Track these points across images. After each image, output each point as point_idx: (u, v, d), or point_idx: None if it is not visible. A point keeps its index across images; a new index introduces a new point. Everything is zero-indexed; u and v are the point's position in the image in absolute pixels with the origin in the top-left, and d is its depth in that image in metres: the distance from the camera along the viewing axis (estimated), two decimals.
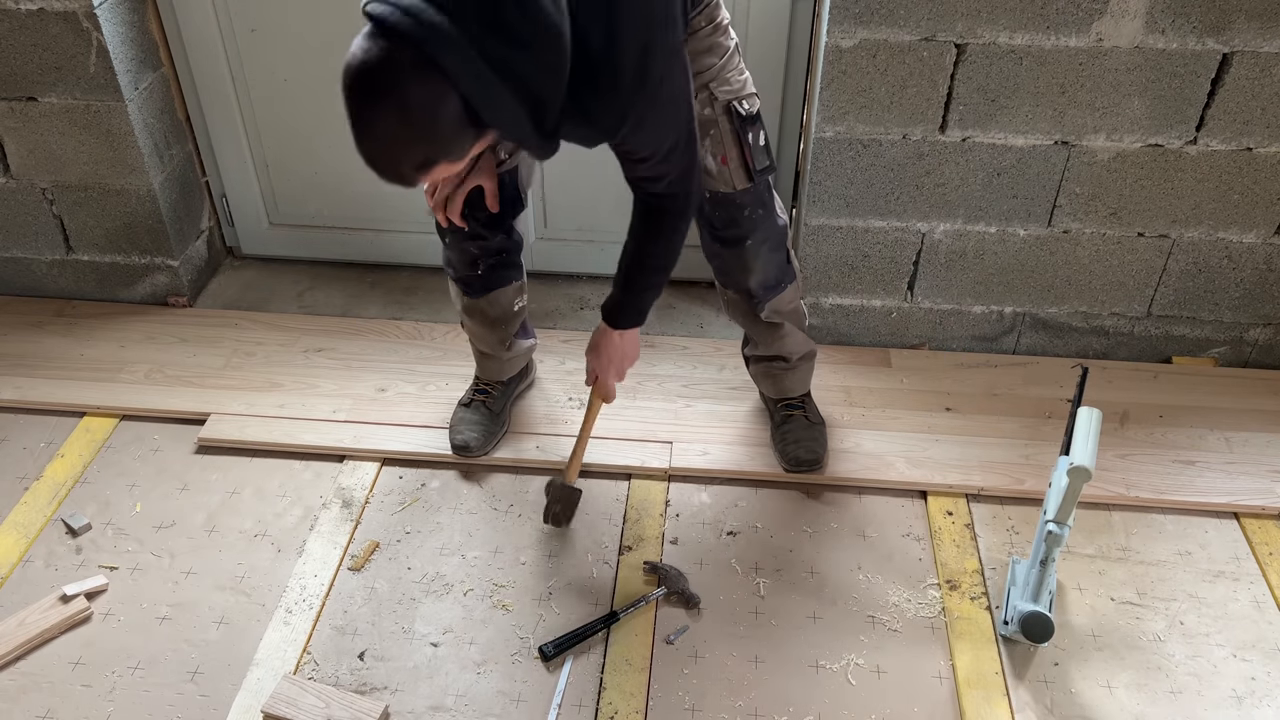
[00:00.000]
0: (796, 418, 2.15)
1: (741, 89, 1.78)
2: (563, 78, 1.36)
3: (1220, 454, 2.18)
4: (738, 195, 1.83)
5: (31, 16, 2.20)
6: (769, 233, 1.89)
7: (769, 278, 1.95)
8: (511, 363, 2.21)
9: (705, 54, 1.73)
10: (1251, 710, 1.74)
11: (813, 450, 2.11)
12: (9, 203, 2.49)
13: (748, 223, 1.86)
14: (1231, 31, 1.98)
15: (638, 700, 1.73)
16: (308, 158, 2.60)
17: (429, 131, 1.28)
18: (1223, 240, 2.26)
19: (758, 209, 1.85)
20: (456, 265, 2.01)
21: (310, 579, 1.93)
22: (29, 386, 2.33)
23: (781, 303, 2.01)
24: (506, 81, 1.28)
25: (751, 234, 1.88)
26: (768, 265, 1.93)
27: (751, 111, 1.79)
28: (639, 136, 1.57)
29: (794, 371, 2.13)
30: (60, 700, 1.73)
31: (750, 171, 1.80)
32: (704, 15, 1.70)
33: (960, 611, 1.88)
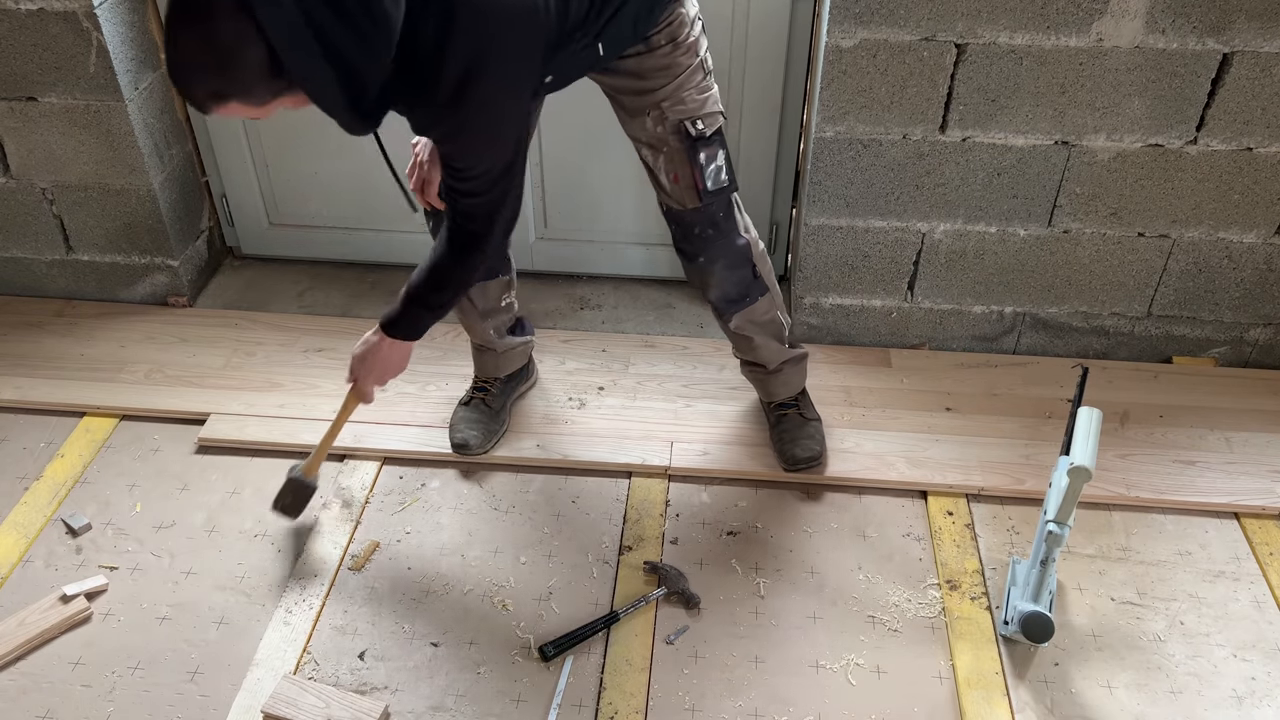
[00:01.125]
0: (790, 416, 2.16)
1: (699, 108, 1.76)
2: (383, 64, 1.38)
3: (1220, 454, 2.18)
4: (687, 214, 1.84)
5: (31, 16, 2.20)
6: (722, 253, 1.89)
7: (728, 293, 1.96)
8: (507, 358, 2.21)
9: (659, 72, 1.72)
10: (1251, 710, 1.74)
11: (809, 448, 2.10)
12: (9, 203, 2.49)
13: (698, 241, 1.87)
14: (1231, 31, 1.98)
15: (638, 700, 1.73)
16: (308, 158, 2.60)
17: (226, 68, 1.29)
18: (1223, 240, 2.26)
19: (708, 229, 1.85)
20: None
21: (310, 579, 1.93)
22: (29, 386, 2.33)
23: (754, 314, 2.00)
24: (325, 51, 1.30)
25: (703, 252, 1.88)
26: (725, 282, 1.93)
27: (705, 132, 1.77)
28: (450, 147, 1.59)
29: (778, 376, 2.13)
30: (60, 700, 1.73)
31: (699, 192, 1.80)
32: (665, 34, 1.70)
33: (960, 611, 1.88)
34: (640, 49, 1.70)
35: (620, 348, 2.48)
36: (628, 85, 1.75)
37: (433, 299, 1.79)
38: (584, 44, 1.63)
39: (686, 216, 1.85)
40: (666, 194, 1.84)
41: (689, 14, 1.72)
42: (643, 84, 1.73)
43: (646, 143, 1.80)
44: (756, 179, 2.50)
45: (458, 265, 1.74)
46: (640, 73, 1.73)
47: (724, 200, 1.84)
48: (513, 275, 2.12)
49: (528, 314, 2.25)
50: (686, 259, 1.92)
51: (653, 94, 1.74)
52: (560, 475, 2.15)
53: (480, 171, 1.61)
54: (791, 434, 2.13)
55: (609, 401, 2.31)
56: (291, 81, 1.33)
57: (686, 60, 1.73)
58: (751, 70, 2.33)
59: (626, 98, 1.78)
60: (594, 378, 2.38)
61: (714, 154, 1.79)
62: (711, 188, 1.80)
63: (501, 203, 1.66)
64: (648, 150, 1.81)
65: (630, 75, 1.73)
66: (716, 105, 1.79)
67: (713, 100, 1.79)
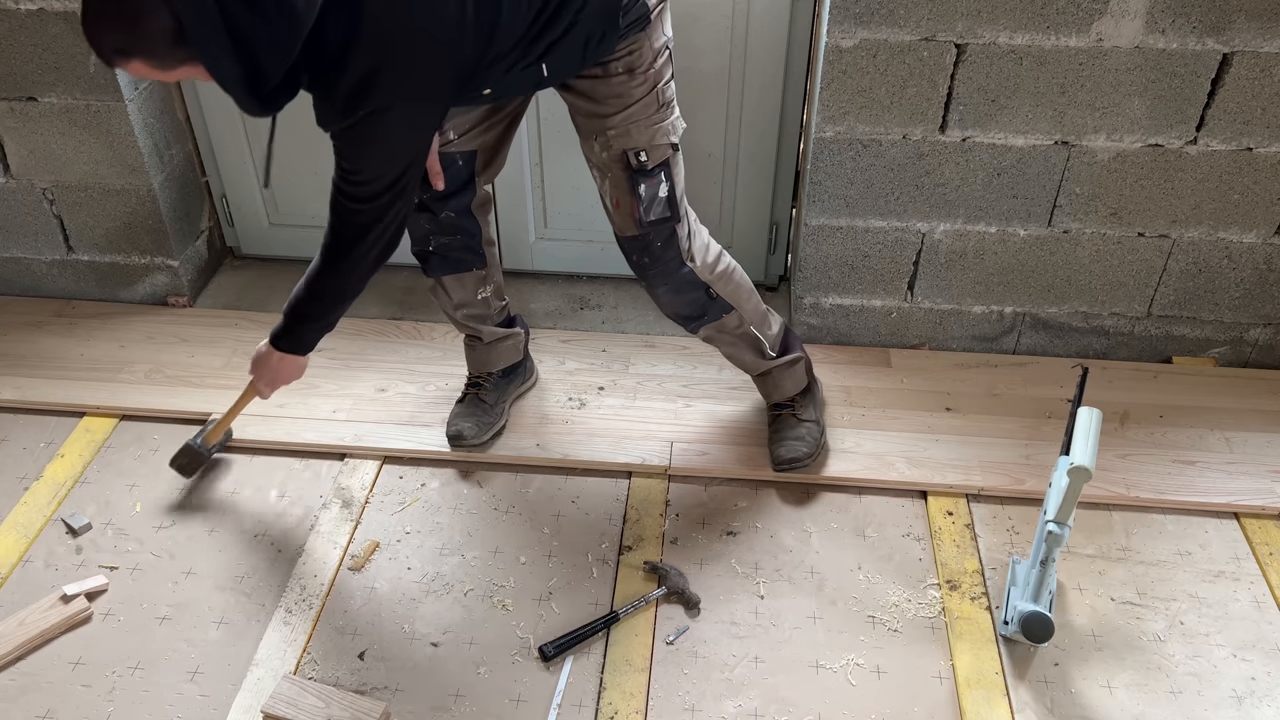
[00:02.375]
0: (784, 417, 2.16)
1: (649, 140, 1.76)
2: (287, 58, 1.40)
3: (1220, 454, 2.18)
4: (625, 240, 1.87)
5: (31, 16, 2.20)
6: (663, 279, 1.91)
7: (681, 312, 1.99)
8: (498, 351, 2.21)
9: (611, 99, 1.73)
10: (1251, 710, 1.74)
11: (794, 449, 2.10)
12: (9, 203, 2.49)
13: (637, 267, 1.90)
14: (1231, 31, 1.98)
15: (638, 700, 1.73)
16: (308, 158, 2.60)
17: (132, 29, 1.32)
18: (1223, 240, 2.26)
19: (644, 256, 1.87)
20: (412, 240, 2.03)
21: (310, 579, 1.93)
22: (29, 386, 2.33)
23: (721, 328, 2.02)
24: (230, 33, 1.33)
25: (643, 277, 1.92)
26: (674, 303, 1.97)
27: (646, 164, 1.77)
28: (341, 144, 1.60)
29: (767, 379, 2.14)
30: (60, 700, 1.73)
31: (637, 221, 1.81)
32: (622, 62, 1.70)
33: (960, 611, 1.88)
34: (597, 73, 1.71)
35: (620, 348, 2.48)
36: (583, 106, 1.77)
37: (312, 310, 1.82)
38: (524, 65, 1.64)
39: (626, 243, 1.88)
40: (610, 218, 1.87)
41: (654, 44, 1.71)
42: (595, 107, 1.74)
43: (595, 164, 1.82)
44: (756, 179, 2.50)
45: (331, 273, 1.75)
46: (594, 96, 1.73)
47: (664, 230, 1.84)
48: (490, 270, 2.11)
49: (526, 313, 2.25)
50: (637, 277, 1.95)
51: (602, 120, 1.75)
52: (560, 475, 2.15)
53: (366, 179, 1.62)
54: (781, 434, 2.13)
55: (609, 401, 2.31)
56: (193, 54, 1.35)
57: (640, 91, 1.73)
58: (751, 70, 2.33)
59: (580, 118, 1.79)
60: (594, 378, 2.38)
61: (655, 186, 1.80)
62: (649, 219, 1.82)
63: (380, 219, 1.67)
64: (596, 171, 1.83)
65: (584, 96, 1.75)
66: (668, 137, 1.79)
67: (662, 132, 1.78)
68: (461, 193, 1.95)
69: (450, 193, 1.93)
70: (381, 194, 1.63)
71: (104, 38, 1.34)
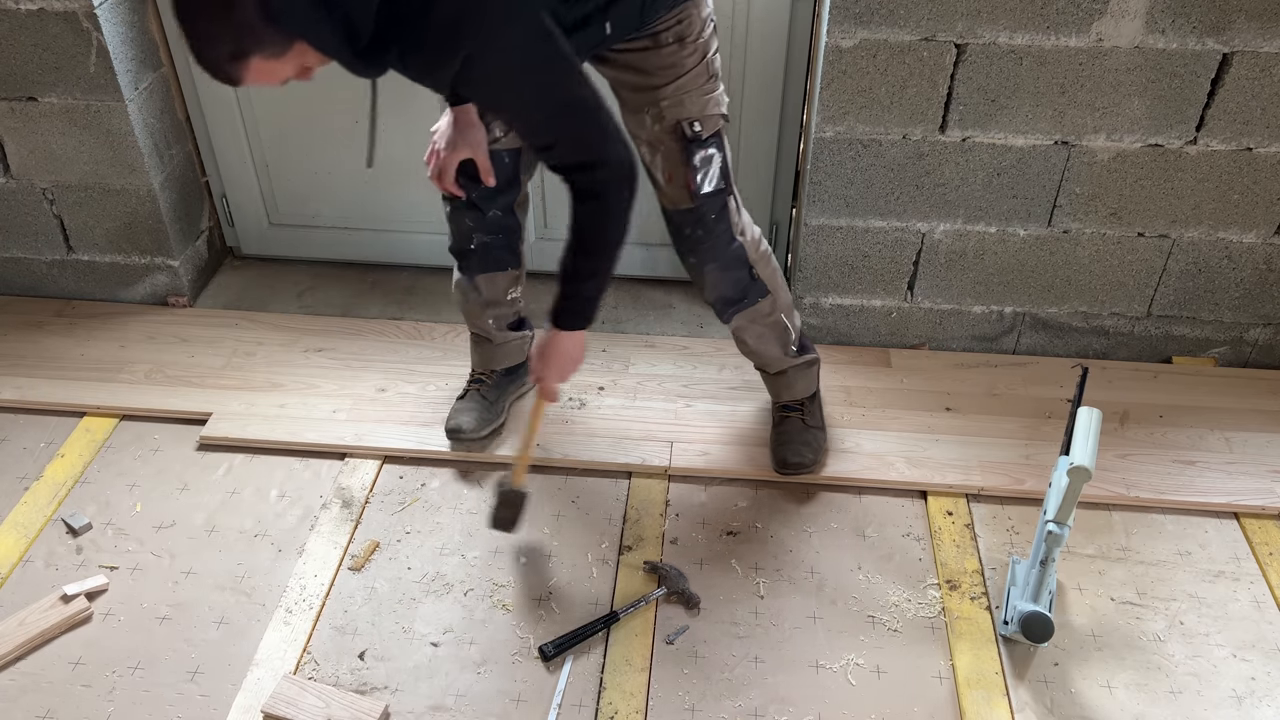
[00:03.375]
0: (792, 419, 2.15)
1: (699, 110, 1.75)
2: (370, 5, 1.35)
3: (1220, 454, 2.18)
4: (678, 214, 1.84)
5: (31, 16, 2.20)
6: (714, 255, 1.88)
7: (725, 293, 1.95)
8: (504, 351, 2.21)
9: (663, 70, 1.71)
10: (1251, 710, 1.74)
11: (800, 453, 2.10)
12: (9, 203, 2.49)
13: (690, 241, 1.87)
14: (1231, 31, 1.98)
15: (638, 700, 1.73)
16: (308, 158, 2.60)
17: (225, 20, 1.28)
18: (1223, 240, 2.26)
19: (698, 229, 1.84)
20: (454, 237, 2.02)
21: (310, 579, 1.93)
22: (29, 386, 2.33)
23: (754, 316, 1.99)
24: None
25: (694, 253, 1.88)
26: (720, 283, 1.93)
27: (701, 134, 1.76)
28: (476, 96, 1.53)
29: (781, 378, 2.13)
30: (60, 700, 1.73)
31: (692, 193, 1.80)
32: (672, 32, 1.69)
33: (960, 611, 1.88)
34: (647, 44, 1.70)
35: (620, 348, 2.48)
36: (631, 80, 1.75)
37: (585, 270, 1.70)
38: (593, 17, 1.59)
39: (678, 216, 1.85)
40: (661, 192, 1.84)
41: (701, 14, 1.71)
42: (646, 80, 1.73)
43: (644, 140, 1.79)
44: (756, 179, 2.50)
45: (590, 227, 1.66)
46: (644, 68, 1.72)
47: (718, 203, 1.83)
48: (522, 271, 2.12)
49: (529, 314, 2.25)
50: (681, 257, 1.92)
51: (654, 91, 1.73)
52: (560, 475, 2.15)
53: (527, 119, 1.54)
54: (788, 437, 2.13)
55: (609, 401, 2.31)
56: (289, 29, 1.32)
57: (691, 61, 1.72)
58: (751, 70, 2.33)
59: (628, 93, 1.77)
60: (594, 378, 2.38)
61: (709, 157, 1.78)
62: (705, 190, 1.80)
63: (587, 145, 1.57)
64: (645, 148, 1.80)
65: (634, 70, 1.73)
66: (719, 108, 1.78)
67: (714, 103, 1.77)
68: (507, 190, 1.94)
69: (498, 190, 1.92)
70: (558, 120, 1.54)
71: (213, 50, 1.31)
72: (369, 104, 1.64)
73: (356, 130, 2.51)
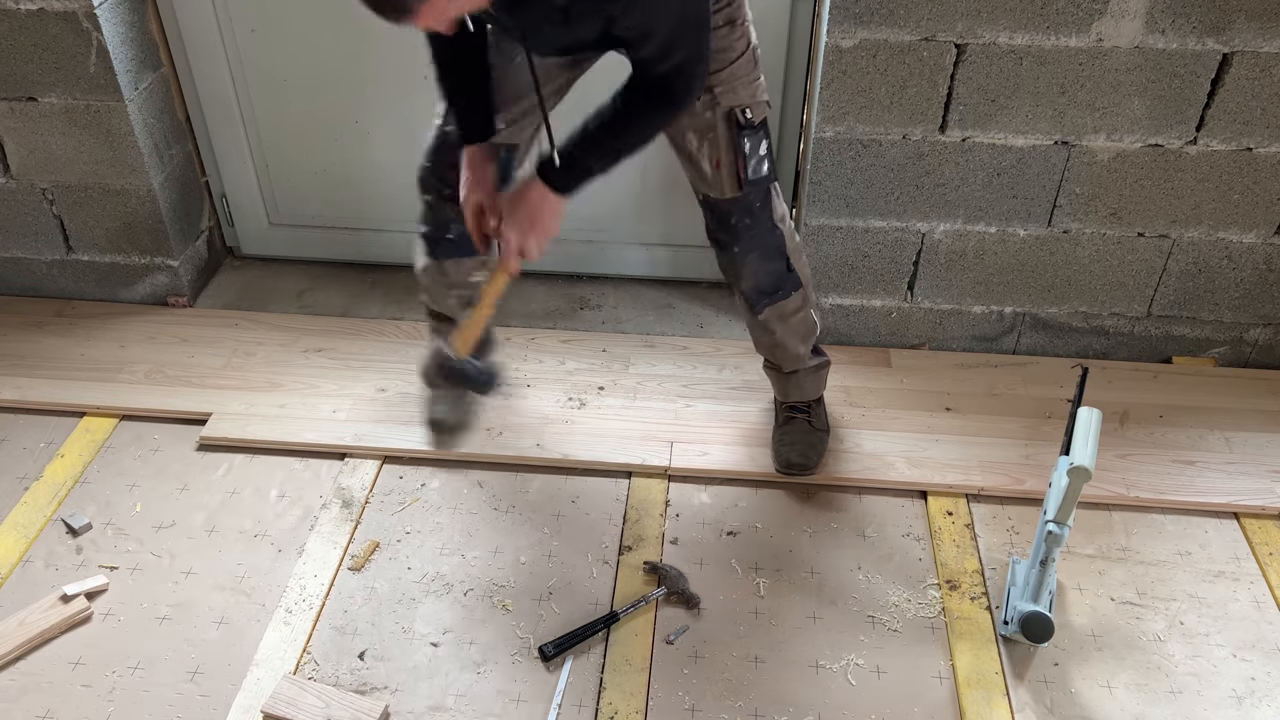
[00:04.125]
0: (798, 421, 2.15)
1: (750, 96, 1.75)
2: None
3: (1220, 454, 2.18)
4: (724, 203, 1.83)
5: (31, 16, 2.20)
6: (757, 243, 1.88)
7: (762, 284, 1.94)
8: None
9: (716, 54, 1.69)
10: (1251, 710, 1.74)
11: (804, 455, 2.10)
12: (9, 203, 2.49)
13: (734, 230, 1.86)
14: (1231, 31, 1.98)
15: (638, 700, 1.73)
16: (308, 158, 2.60)
17: None
18: (1223, 240, 2.26)
19: (745, 218, 1.84)
20: (431, 225, 1.97)
21: (310, 579, 1.93)
22: (29, 386, 2.33)
23: (784, 310, 1.99)
24: None
25: (737, 242, 1.87)
26: (758, 273, 1.92)
27: (754, 121, 1.76)
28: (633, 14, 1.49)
29: (794, 378, 2.13)
30: (60, 700, 1.73)
31: (741, 181, 1.79)
32: (723, 14, 1.68)
33: (960, 611, 1.88)
34: None
35: (620, 348, 2.48)
36: None
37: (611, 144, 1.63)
38: None
39: (724, 205, 1.83)
40: (706, 182, 1.82)
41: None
42: None
43: (693, 127, 1.77)
44: None
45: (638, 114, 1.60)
46: None
47: (762, 189, 1.83)
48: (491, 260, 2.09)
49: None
50: (720, 248, 1.90)
51: (709, 77, 1.69)
52: (560, 475, 2.15)
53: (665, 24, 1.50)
54: (793, 439, 2.13)
55: (609, 401, 2.31)
56: None
57: (741, 45, 1.72)
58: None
59: None
60: (594, 378, 2.38)
61: (758, 143, 1.78)
62: (753, 177, 1.79)
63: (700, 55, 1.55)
64: (692, 135, 1.78)
65: None
66: (764, 94, 1.79)
67: (761, 89, 1.78)
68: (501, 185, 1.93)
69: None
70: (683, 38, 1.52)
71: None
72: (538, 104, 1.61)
73: (356, 130, 2.51)
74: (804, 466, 2.09)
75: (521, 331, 2.53)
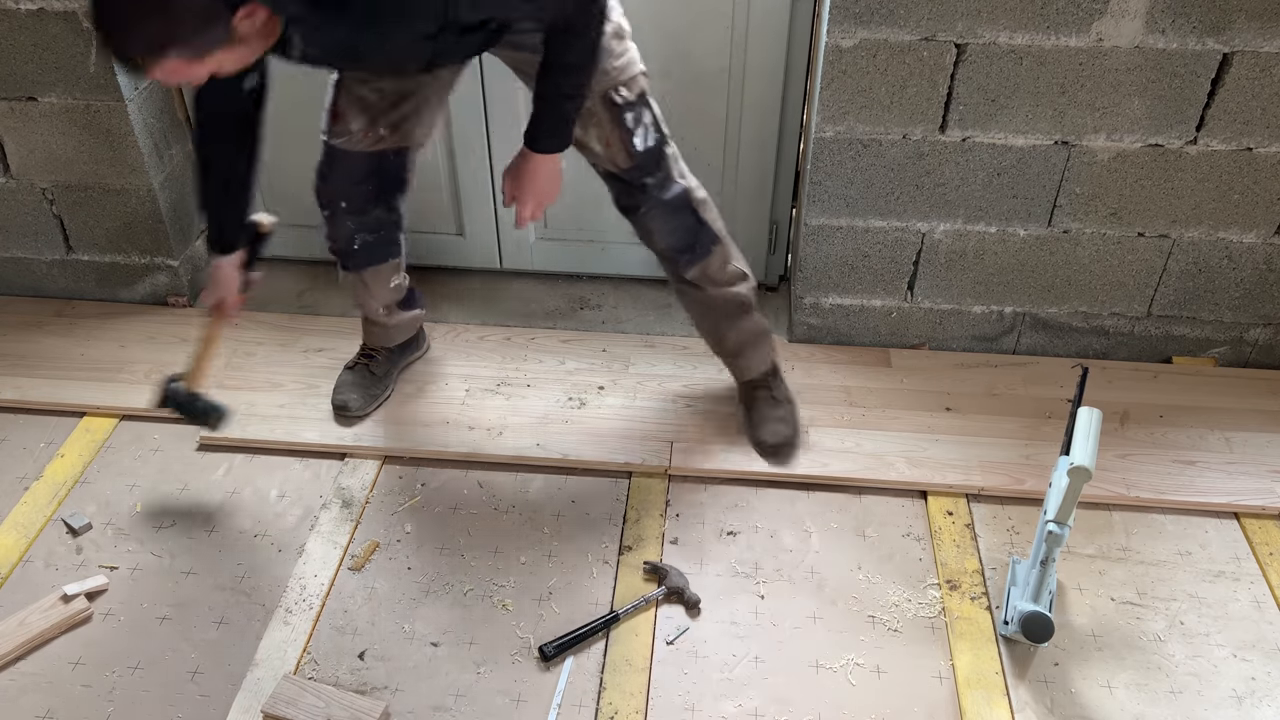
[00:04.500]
0: (761, 396, 2.18)
1: (621, 74, 1.78)
2: None
3: (1220, 454, 2.18)
4: (623, 172, 1.88)
5: (31, 16, 2.20)
6: (662, 200, 1.92)
7: (677, 241, 1.98)
8: (396, 330, 2.27)
9: None
10: (1251, 710, 1.74)
11: (778, 432, 2.12)
12: (9, 203, 2.49)
13: (637, 193, 1.91)
14: (1231, 31, 1.98)
15: (638, 700, 1.73)
16: (308, 157, 2.59)
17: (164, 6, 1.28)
18: (1223, 240, 2.26)
19: (644, 178, 1.89)
20: (335, 240, 2.05)
21: (310, 579, 1.93)
22: (29, 386, 2.33)
23: (709, 268, 2.02)
24: None
25: (644, 203, 1.92)
26: (671, 229, 1.97)
27: (629, 97, 1.80)
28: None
29: (741, 358, 2.17)
30: (60, 700, 1.73)
31: (631, 152, 1.84)
32: None
33: (960, 611, 1.88)
34: None
35: (620, 348, 2.48)
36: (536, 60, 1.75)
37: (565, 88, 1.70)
38: None
39: (623, 174, 1.89)
40: (599, 158, 1.87)
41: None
42: None
43: None
44: (756, 179, 2.50)
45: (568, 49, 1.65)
46: None
47: (656, 153, 1.88)
48: (402, 259, 2.15)
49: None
50: (631, 214, 1.96)
51: None
52: (560, 475, 2.15)
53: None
54: (760, 417, 2.16)
55: (609, 401, 2.31)
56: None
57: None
58: (751, 70, 2.33)
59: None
60: (594, 378, 2.38)
61: (641, 114, 1.83)
62: (642, 148, 1.85)
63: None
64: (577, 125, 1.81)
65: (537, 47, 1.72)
66: (637, 66, 1.82)
67: (632, 62, 1.81)
68: (395, 190, 1.98)
69: (384, 191, 1.97)
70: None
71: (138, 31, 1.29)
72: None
73: None
74: (781, 445, 2.11)
75: (521, 331, 2.53)
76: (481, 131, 2.46)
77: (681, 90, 2.36)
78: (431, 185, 2.59)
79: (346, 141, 1.89)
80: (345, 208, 1.95)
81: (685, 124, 2.41)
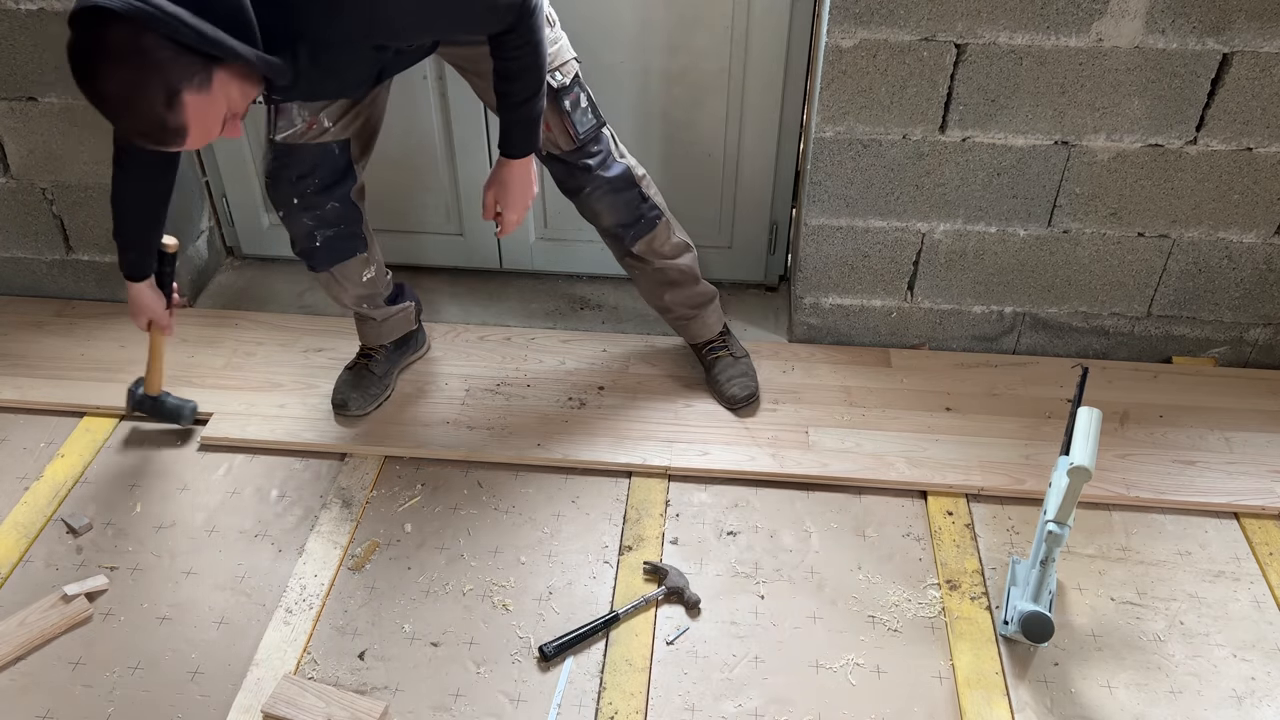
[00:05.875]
0: (721, 357, 2.30)
1: (553, 60, 1.83)
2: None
3: (1220, 454, 2.18)
4: (565, 154, 1.97)
5: (31, 16, 2.20)
6: (604, 179, 2.02)
7: (621, 216, 2.09)
8: (388, 326, 2.27)
9: None
10: (1251, 710, 1.74)
11: (745, 385, 2.26)
12: (9, 203, 2.49)
13: (580, 174, 2.01)
14: (1231, 31, 1.98)
15: (638, 700, 1.73)
16: None
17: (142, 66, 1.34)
18: (1223, 240, 2.26)
19: (586, 159, 1.98)
20: (297, 239, 2.06)
21: (310, 579, 1.93)
22: (29, 386, 2.33)
23: (654, 242, 2.14)
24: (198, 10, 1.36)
25: (588, 183, 2.02)
26: (615, 206, 2.07)
27: (564, 81, 1.88)
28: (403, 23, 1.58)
29: (697, 319, 2.29)
30: (60, 700, 1.73)
31: (573, 136, 1.94)
32: None
33: (960, 611, 1.88)
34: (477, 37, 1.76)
35: (620, 348, 2.48)
36: (479, 53, 1.78)
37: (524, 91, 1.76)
38: None
39: (564, 158, 1.98)
40: (544, 143, 1.93)
41: None
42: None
43: None
44: (756, 179, 2.50)
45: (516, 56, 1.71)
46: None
47: (594, 134, 1.98)
48: (371, 253, 2.15)
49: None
50: (574, 195, 2.05)
51: None
52: (560, 475, 2.15)
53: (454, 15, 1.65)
54: (725, 375, 2.27)
55: (609, 401, 2.31)
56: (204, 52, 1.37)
57: None
58: (752, 70, 2.33)
59: (483, 64, 1.78)
60: (594, 378, 2.38)
61: (577, 99, 1.92)
62: (583, 130, 1.95)
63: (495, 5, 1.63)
64: None
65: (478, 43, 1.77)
66: (567, 52, 1.89)
67: (563, 49, 1.88)
68: (342, 181, 2.00)
69: (332, 183, 1.98)
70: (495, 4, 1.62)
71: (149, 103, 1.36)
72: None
73: None
74: (749, 397, 2.25)
75: (521, 331, 2.53)
76: (481, 131, 2.46)
77: (682, 90, 2.37)
78: (431, 185, 2.59)
79: (291, 135, 1.90)
80: (298, 204, 1.97)
81: (685, 124, 2.42)
